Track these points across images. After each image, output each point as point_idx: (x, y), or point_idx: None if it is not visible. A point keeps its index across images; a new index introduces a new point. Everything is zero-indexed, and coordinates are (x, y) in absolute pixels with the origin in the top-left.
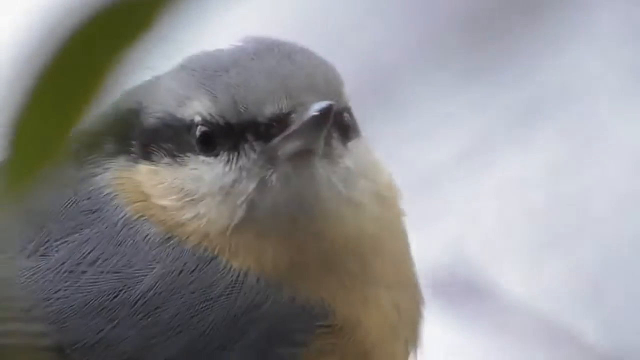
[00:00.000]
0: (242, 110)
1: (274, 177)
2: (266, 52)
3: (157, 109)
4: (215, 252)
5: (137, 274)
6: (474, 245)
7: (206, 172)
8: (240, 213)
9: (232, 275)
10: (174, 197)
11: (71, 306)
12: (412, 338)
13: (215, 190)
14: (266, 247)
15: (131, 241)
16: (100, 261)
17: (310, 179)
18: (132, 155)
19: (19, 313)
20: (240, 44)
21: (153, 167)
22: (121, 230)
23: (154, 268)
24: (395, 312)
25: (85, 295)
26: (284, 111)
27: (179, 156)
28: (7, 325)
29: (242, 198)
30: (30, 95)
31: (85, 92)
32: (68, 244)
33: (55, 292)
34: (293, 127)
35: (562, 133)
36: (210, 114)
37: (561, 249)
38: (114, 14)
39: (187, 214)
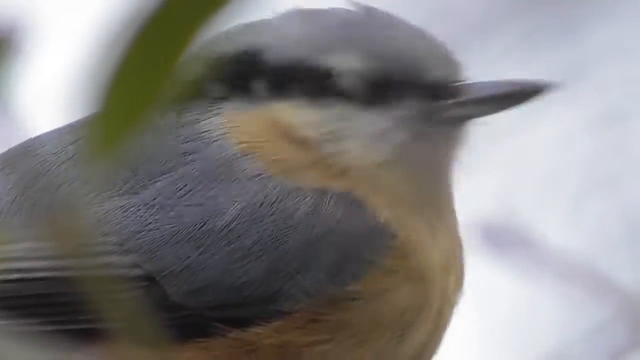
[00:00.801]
0: (408, 69)
1: (431, 133)
2: (396, 19)
3: (288, 53)
4: (335, 186)
5: (222, 206)
6: (522, 194)
7: (356, 116)
8: (386, 156)
9: (311, 204)
10: (318, 132)
11: (161, 237)
12: (459, 281)
13: (366, 134)
14: (390, 178)
15: (224, 177)
16: (189, 195)
17: (454, 142)
18: (254, 94)
19: (113, 247)
20: (346, 6)
21: (294, 104)
22: (218, 168)
23: (237, 201)
24: (451, 252)
25: (174, 227)
26: (448, 76)
27: (321, 98)
28: (102, 258)
29: (393, 144)
30: (124, 54)
31: (176, 49)
32: (161, 181)
33: (147, 225)
34: (470, 96)
35: (605, 89)
36: (368, 67)
37: (604, 196)
38: None
39: (330, 150)
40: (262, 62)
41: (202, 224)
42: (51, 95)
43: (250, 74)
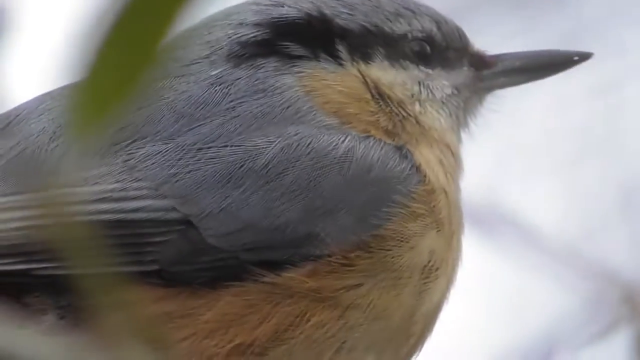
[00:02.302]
0: (459, 37)
1: (475, 99)
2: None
3: (360, 19)
4: (398, 140)
5: (261, 146)
6: (514, 166)
7: (429, 80)
8: (448, 118)
9: (348, 146)
10: (407, 93)
11: (201, 178)
12: (458, 255)
13: (438, 97)
14: (439, 137)
15: (272, 120)
16: (228, 138)
17: (481, 108)
18: (338, 56)
19: (147, 191)
20: None
21: (379, 66)
22: (269, 113)
23: (275, 142)
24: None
25: (214, 167)
26: (481, 49)
27: (398, 61)
28: (137, 202)
29: (454, 107)
30: (113, 26)
31: (164, 19)
32: (200, 129)
33: (185, 168)
34: (505, 67)
35: (600, 60)
36: (435, 35)
37: (596, 166)
38: None
39: (414, 109)
40: (337, 26)
41: (241, 163)
42: (36, 71)
43: (328, 37)
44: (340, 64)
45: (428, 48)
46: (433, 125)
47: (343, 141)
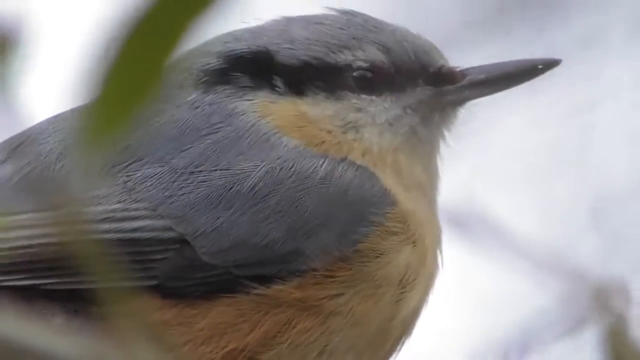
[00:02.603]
0: (413, 59)
1: (440, 114)
2: (380, 19)
3: (301, 53)
4: (357, 160)
5: (247, 170)
6: (489, 179)
7: (370, 106)
8: (399, 141)
9: (327, 169)
10: (337, 123)
11: (194, 200)
12: (440, 258)
13: (380, 121)
14: (401, 160)
15: (253, 146)
16: (216, 162)
17: (449, 126)
18: (276, 89)
19: (145, 212)
20: (332, 12)
21: (311, 100)
22: (243, 139)
23: (259, 165)
24: (438, 230)
25: (205, 189)
26: (447, 65)
27: (335, 92)
28: (136, 222)
29: (406, 128)
30: (120, 48)
31: (168, 45)
32: (190, 150)
33: (179, 190)
34: (471, 80)
35: (571, 82)
36: (381, 61)
37: (568, 181)
38: None
39: (350, 136)
40: (276, 62)
41: (230, 186)
42: (51, 89)
43: (269, 71)
44: (283, 97)
45: (370, 75)
46: (372, 149)
47: (322, 165)
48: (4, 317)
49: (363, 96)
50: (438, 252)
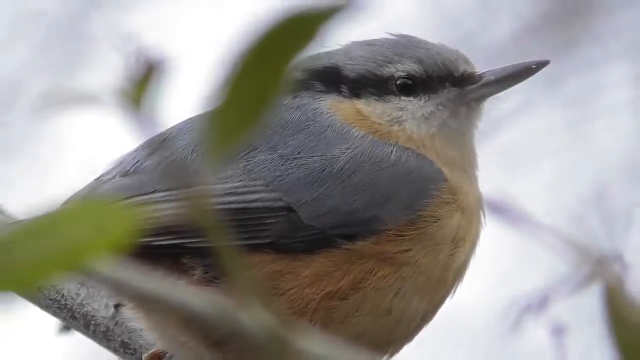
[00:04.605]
0: (441, 67)
1: (462, 110)
2: (421, 38)
3: (357, 68)
4: (404, 145)
5: (336, 156)
6: (512, 175)
7: (409, 105)
8: (433, 130)
9: (397, 155)
10: (385, 119)
11: (297, 178)
12: (478, 229)
13: (418, 116)
14: (437, 144)
15: (336, 137)
16: (312, 150)
17: (476, 117)
18: (342, 93)
19: (261, 187)
20: (389, 36)
21: (365, 101)
22: (330, 131)
23: (346, 151)
24: (480, 199)
25: (305, 170)
26: (470, 70)
27: (382, 96)
28: (254, 195)
29: (440, 119)
30: (239, 74)
31: (278, 69)
32: (292, 141)
33: (286, 171)
34: (486, 81)
35: (576, 95)
36: (415, 70)
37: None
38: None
39: (395, 128)
40: (342, 74)
41: (323, 168)
42: (187, 107)
43: (337, 80)
44: (348, 99)
45: (410, 82)
46: (412, 137)
47: (392, 152)
48: (151, 276)
49: (403, 98)
50: (481, 215)
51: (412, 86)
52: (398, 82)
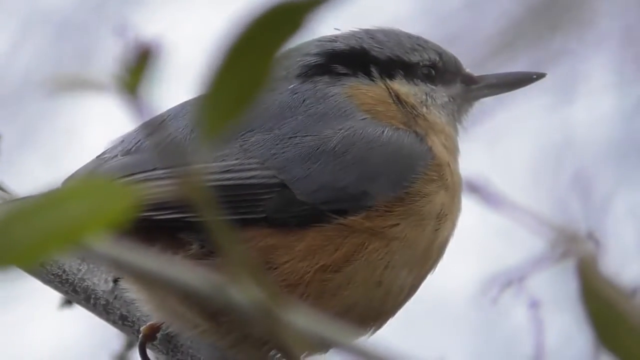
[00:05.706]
0: (454, 63)
1: (467, 105)
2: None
3: (386, 51)
4: (416, 130)
5: (329, 135)
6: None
7: (432, 92)
8: (446, 117)
9: (388, 134)
10: (418, 100)
11: (292, 156)
12: (459, 207)
13: (438, 103)
14: (446, 132)
15: (333, 118)
16: (307, 130)
17: (471, 111)
18: (371, 74)
19: (256, 165)
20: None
21: (399, 82)
22: (329, 113)
23: (340, 131)
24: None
25: (300, 149)
26: (471, 72)
27: (411, 80)
28: (250, 172)
29: (451, 110)
30: (230, 59)
31: (267, 55)
32: (288, 124)
33: (281, 150)
34: (488, 83)
35: (556, 85)
36: (437, 61)
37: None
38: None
39: (422, 110)
40: (371, 55)
41: (317, 146)
42: (182, 92)
43: (365, 62)
44: (372, 80)
45: (433, 71)
46: (435, 121)
47: (383, 132)
48: (147, 253)
49: (428, 84)
50: (461, 195)
51: (433, 75)
52: (424, 70)
